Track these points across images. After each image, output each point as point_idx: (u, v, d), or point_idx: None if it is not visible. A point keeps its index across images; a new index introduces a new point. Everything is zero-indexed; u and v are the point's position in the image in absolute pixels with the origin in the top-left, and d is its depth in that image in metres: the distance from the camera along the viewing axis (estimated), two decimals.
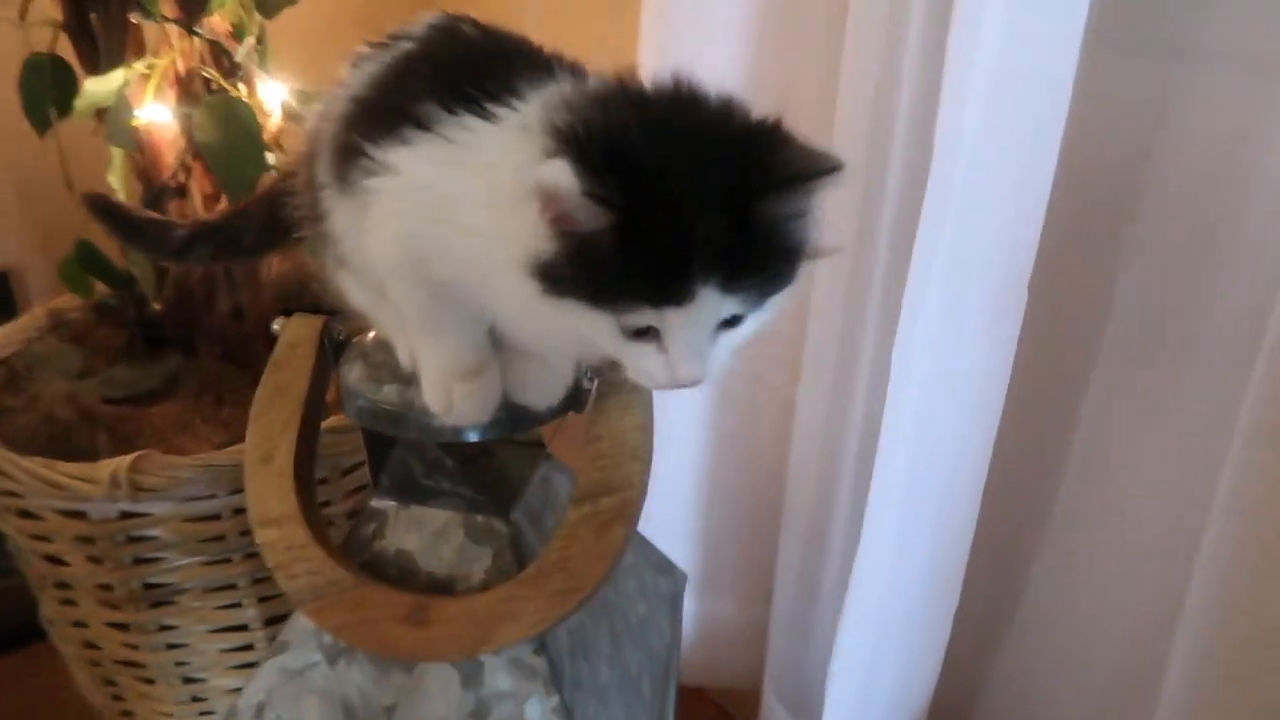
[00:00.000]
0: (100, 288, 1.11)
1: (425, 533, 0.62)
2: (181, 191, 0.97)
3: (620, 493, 0.57)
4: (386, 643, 0.58)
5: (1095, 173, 0.71)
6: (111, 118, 0.84)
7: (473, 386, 0.54)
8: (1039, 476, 0.82)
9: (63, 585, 0.95)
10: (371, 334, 0.62)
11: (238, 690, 1.00)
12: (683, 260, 0.44)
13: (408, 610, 0.58)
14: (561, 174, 0.42)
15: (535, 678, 0.60)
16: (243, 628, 0.96)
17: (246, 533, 0.89)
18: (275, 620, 0.96)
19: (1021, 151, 0.63)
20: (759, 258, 0.46)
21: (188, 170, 0.96)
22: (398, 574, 0.62)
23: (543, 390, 0.57)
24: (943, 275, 0.66)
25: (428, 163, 0.48)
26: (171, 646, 0.96)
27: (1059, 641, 0.84)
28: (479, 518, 0.61)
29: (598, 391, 0.59)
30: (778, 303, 0.49)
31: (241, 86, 0.91)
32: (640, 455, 0.58)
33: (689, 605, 1.05)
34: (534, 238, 0.45)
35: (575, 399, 0.59)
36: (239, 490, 0.86)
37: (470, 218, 0.47)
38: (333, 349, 0.64)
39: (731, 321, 0.47)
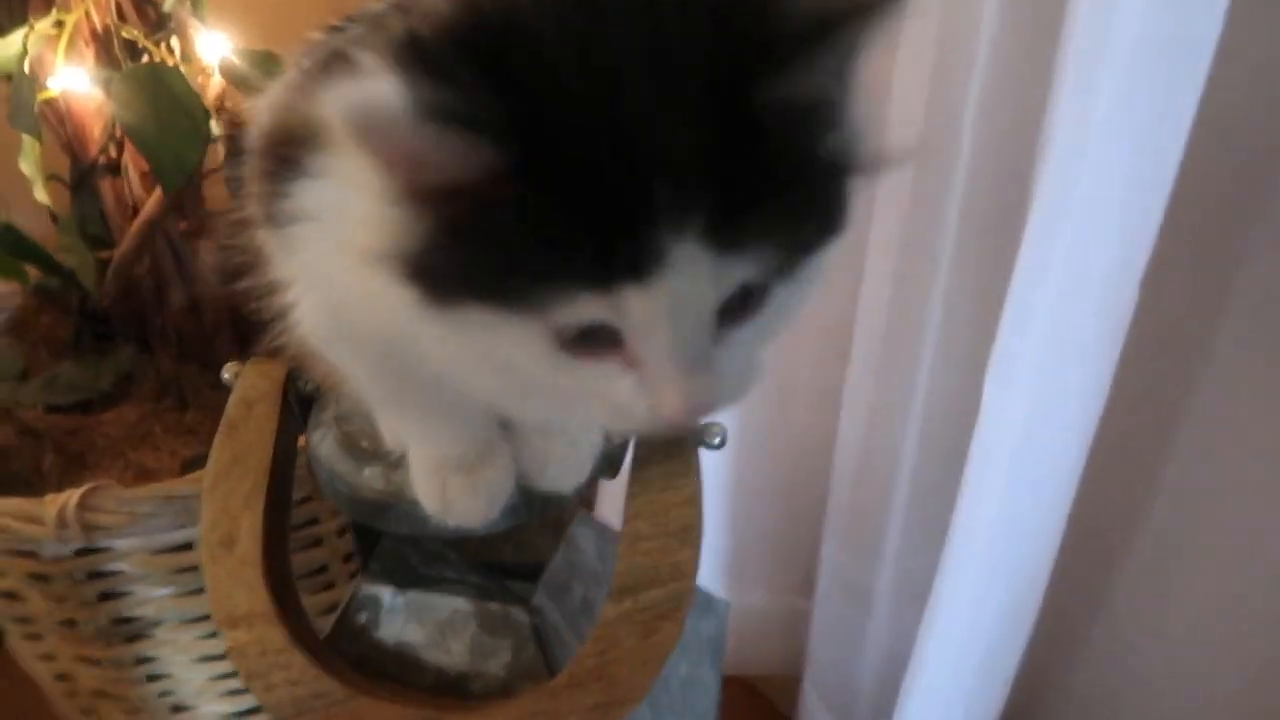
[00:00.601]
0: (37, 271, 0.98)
1: (429, 624, 0.51)
2: (115, 168, 0.83)
3: (669, 585, 0.46)
4: None
5: (1221, 155, 0.58)
6: (13, 94, 0.69)
7: (473, 480, 0.42)
8: (1129, 488, 0.71)
9: (23, 620, 0.85)
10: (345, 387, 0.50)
11: (234, 717, 0.92)
12: (634, 200, 0.26)
13: None
14: (378, 94, 0.25)
15: None
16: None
17: None
18: None
19: (1155, 134, 0.50)
20: (768, 181, 0.27)
21: (119, 144, 0.81)
22: (399, 669, 0.51)
23: (567, 470, 0.45)
24: (1058, 278, 0.53)
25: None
26: (153, 678, 0.87)
27: (1136, 665, 0.76)
28: (493, 605, 0.51)
29: (635, 455, 0.48)
30: (818, 263, 0.31)
31: (174, 43, 0.76)
32: (690, 539, 0.47)
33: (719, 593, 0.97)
34: (386, 217, 0.28)
35: (607, 463, 0.48)
36: None
37: (333, 223, 0.32)
38: (299, 405, 0.52)
39: (744, 302, 0.30)
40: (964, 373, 0.73)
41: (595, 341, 0.29)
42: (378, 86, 0.25)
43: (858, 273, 0.77)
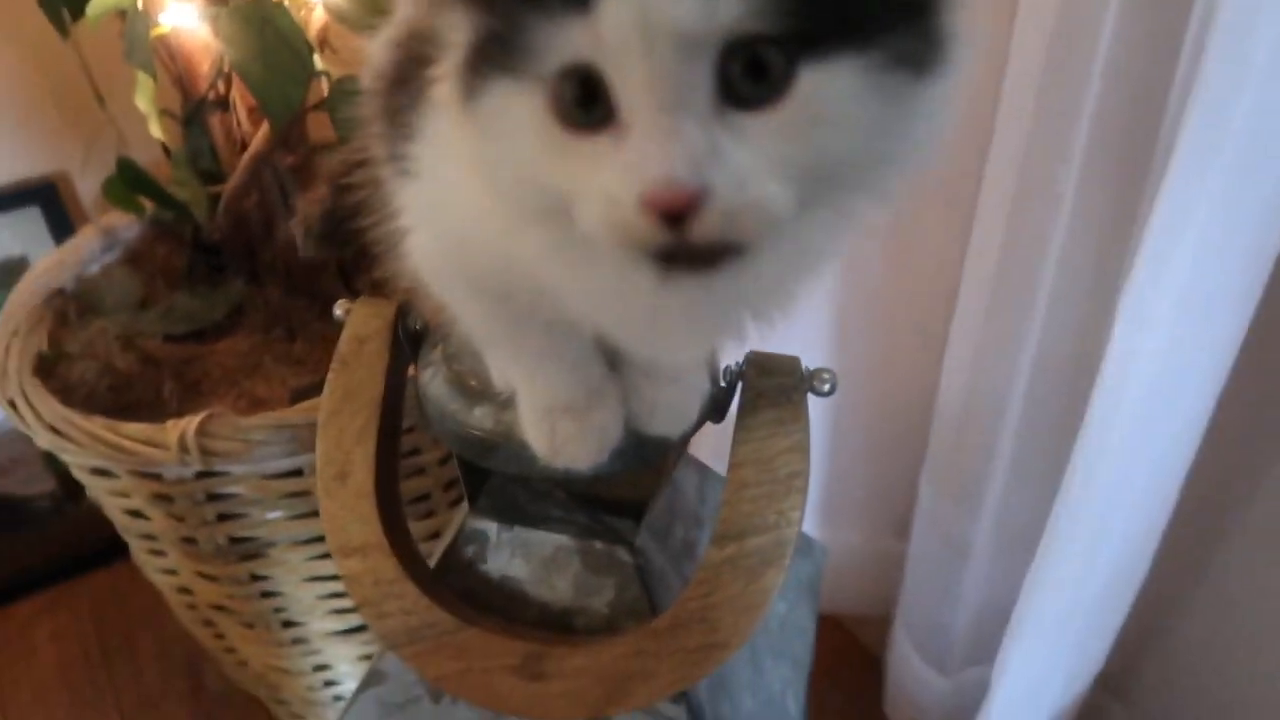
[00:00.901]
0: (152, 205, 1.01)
1: (534, 560, 0.52)
2: (224, 104, 0.85)
3: (773, 531, 0.46)
4: (496, 696, 0.49)
5: None
6: (127, 32, 0.70)
7: (583, 425, 0.42)
8: (1251, 444, 0.68)
9: (147, 536, 0.90)
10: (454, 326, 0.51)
11: (341, 633, 0.96)
12: None
13: (521, 660, 0.49)
14: None
15: None
16: (337, 576, 0.90)
17: None
18: None
19: None
20: None
21: (228, 80, 0.82)
22: (504, 602, 0.52)
23: (675, 415, 0.45)
24: (1206, 215, 0.50)
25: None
26: (266, 595, 0.92)
27: (1241, 629, 0.73)
28: (597, 544, 0.51)
29: (743, 400, 0.47)
30: (878, 68, 0.25)
31: None
32: (797, 485, 0.46)
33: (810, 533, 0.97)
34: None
35: (713, 408, 0.48)
36: None
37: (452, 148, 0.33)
38: (409, 341, 0.53)
39: (756, 79, 0.26)
40: (1083, 316, 0.70)
41: (590, 117, 0.27)
42: None
43: (968, 208, 0.74)
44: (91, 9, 0.70)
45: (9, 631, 1.27)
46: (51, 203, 1.17)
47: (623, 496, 0.52)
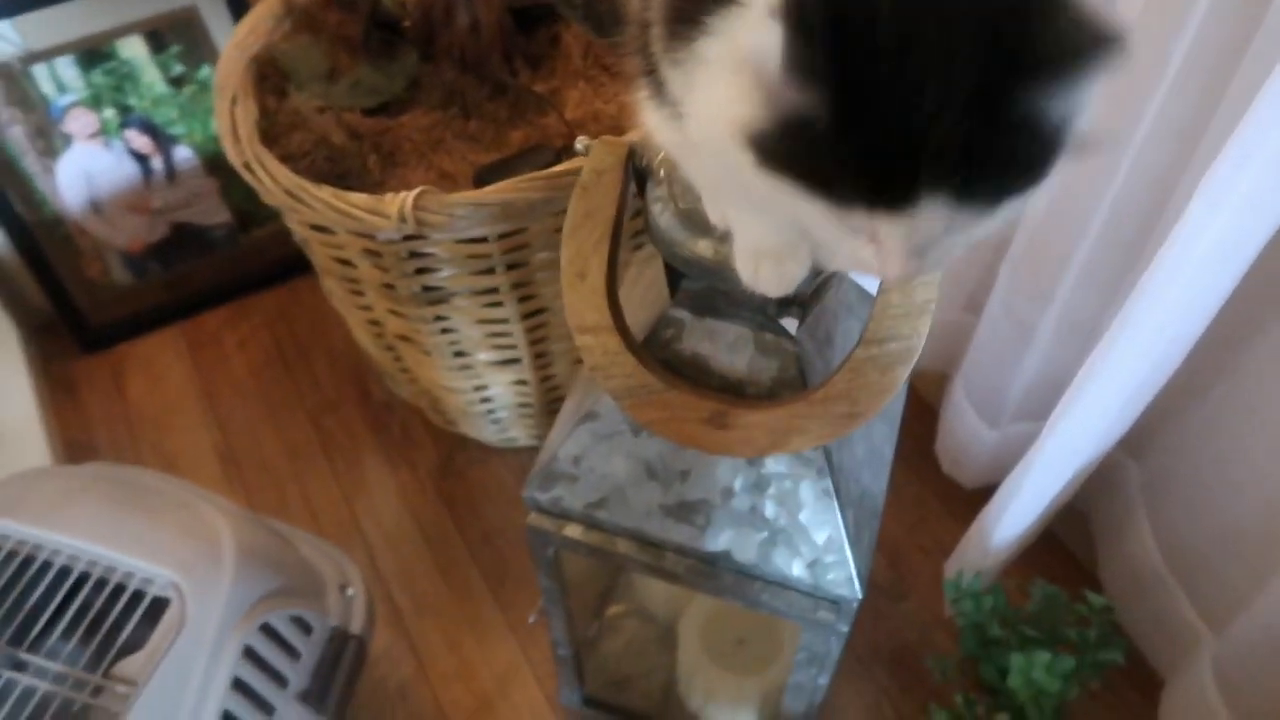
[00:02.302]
0: None
1: (719, 343, 0.70)
2: None
3: (907, 340, 0.63)
4: (690, 438, 0.69)
5: None
6: None
7: (779, 268, 0.57)
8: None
9: (351, 280, 1.10)
10: (673, 169, 0.65)
11: (498, 364, 1.18)
12: (907, 161, 0.37)
13: (710, 414, 0.68)
14: (765, 42, 0.37)
15: (810, 465, 0.71)
16: (503, 320, 1.10)
17: (509, 251, 1.00)
18: (529, 315, 1.10)
19: None
20: (1005, 161, 0.38)
21: None
22: (693, 372, 0.71)
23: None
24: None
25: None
26: (445, 331, 1.12)
27: (1235, 416, 0.90)
28: (768, 335, 0.69)
29: None
30: (1018, 206, 0.41)
31: None
32: (928, 309, 0.62)
33: None
34: (748, 105, 0.40)
35: None
36: (504, 225, 0.95)
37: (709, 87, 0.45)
38: (636, 176, 0.68)
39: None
40: (1165, 165, 0.82)
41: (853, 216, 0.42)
42: (767, 38, 0.37)
43: None
44: None
45: (203, 337, 1.52)
46: None
47: (791, 305, 0.69)
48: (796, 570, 0.72)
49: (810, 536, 0.72)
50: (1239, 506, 0.93)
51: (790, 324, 0.70)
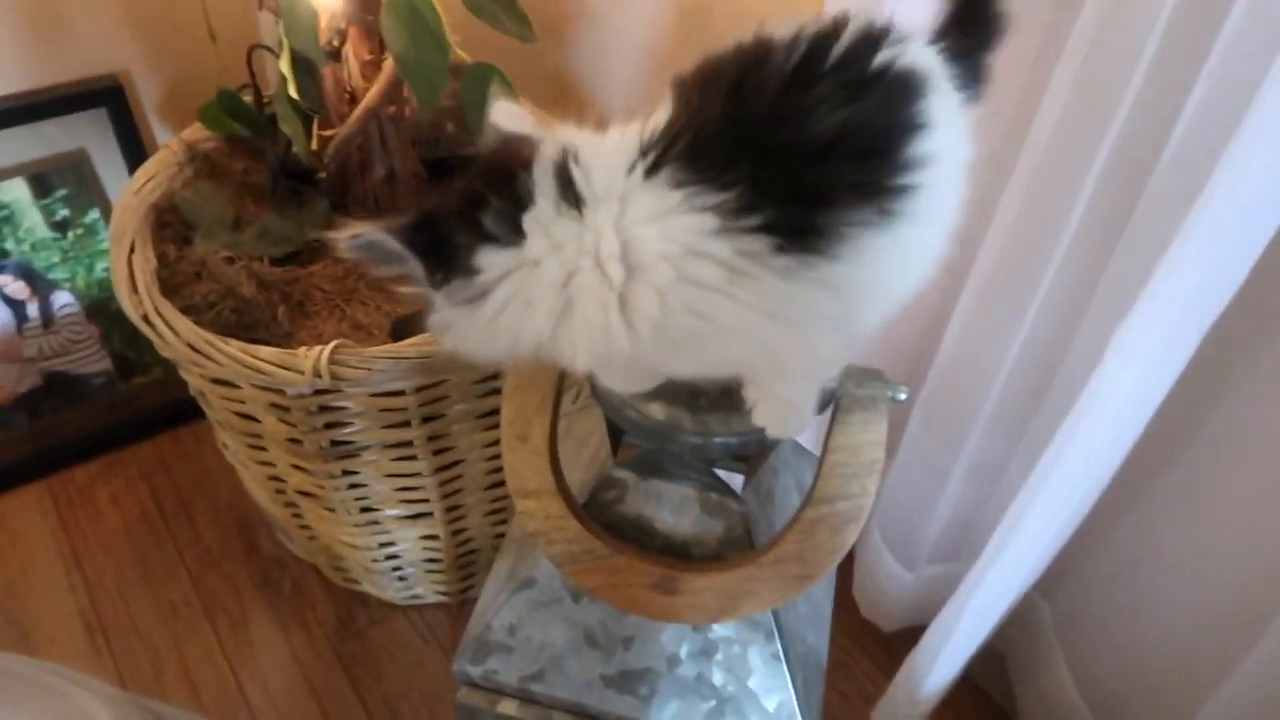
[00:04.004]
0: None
1: (663, 504, 0.68)
2: (336, 55, 0.93)
3: (856, 500, 0.63)
4: (637, 605, 0.66)
5: None
6: (285, 12, 0.79)
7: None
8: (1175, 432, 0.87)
9: (252, 435, 1.04)
10: None
11: (408, 518, 1.12)
12: None
13: (657, 579, 0.66)
14: None
15: (759, 628, 0.69)
16: (415, 474, 1.05)
17: (425, 404, 0.97)
18: (444, 468, 1.05)
19: None
20: None
21: (343, 36, 0.91)
22: (637, 533, 0.69)
23: (798, 419, 0.61)
24: (1201, 270, 0.64)
25: None
26: (353, 486, 1.06)
27: (1143, 556, 0.94)
28: (713, 495, 0.68)
29: (839, 403, 0.64)
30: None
31: None
32: (876, 469, 0.63)
33: None
34: None
35: (821, 405, 0.63)
36: (422, 379, 0.92)
37: None
38: None
39: None
40: (1065, 316, 0.87)
41: None
42: None
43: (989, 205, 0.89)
44: None
45: (71, 493, 1.40)
46: (117, 102, 1.23)
47: (739, 462, 0.68)
48: None
49: (760, 703, 0.70)
50: (1152, 639, 0.95)
51: (735, 480, 0.70)
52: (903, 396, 0.64)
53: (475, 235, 0.51)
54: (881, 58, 0.48)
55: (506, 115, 0.54)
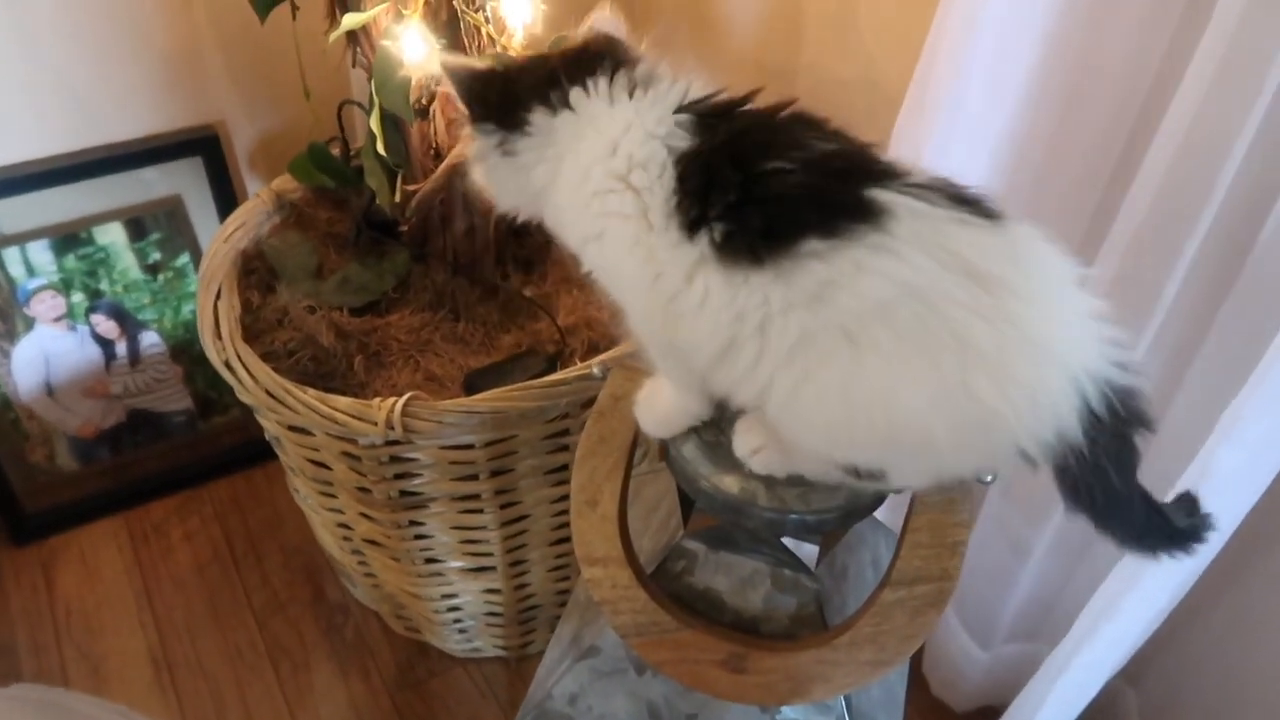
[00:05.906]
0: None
1: (733, 578, 0.66)
2: (425, 113, 0.95)
3: (937, 583, 0.60)
4: (704, 682, 0.64)
5: None
6: (378, 72, 0.81)
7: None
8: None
9: (323, 481, 1.04)
10: None
11: (471, 571, 1.11)
12: None
13: (726, 656, 0.64)
14: None
15: (830, 712, 0.66)
16: (481, 527, 1.05)
17: (495, 458, 0.96)
18: (509, 522, 1.05)
19: None
20: None
21: (431, 95, 0.93)
22: (706, 607, 0.67)
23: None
24: None
25: None
26: (419, 537, 1.06)
27: (1236, 643, 0.88)
28: (786, 571, 0.66)
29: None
30: None
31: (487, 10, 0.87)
32: (960, 551, 0.60)
33: None
34: None
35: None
36: (493, 433, 0.92)
37: None
38: None
39: None
40: (1164, 386, 0.83)
41: None
42: None
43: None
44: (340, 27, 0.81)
45: (147, 528, 1.43)
46: (213, 152, 1.27)
47: (814, 535, 0.66)
48: None
49: None
50: None
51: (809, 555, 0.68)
52: (990, 478, 0.61)
53: (537, 99, 0.57)
54: None
55: (604, 21, 0.60)
